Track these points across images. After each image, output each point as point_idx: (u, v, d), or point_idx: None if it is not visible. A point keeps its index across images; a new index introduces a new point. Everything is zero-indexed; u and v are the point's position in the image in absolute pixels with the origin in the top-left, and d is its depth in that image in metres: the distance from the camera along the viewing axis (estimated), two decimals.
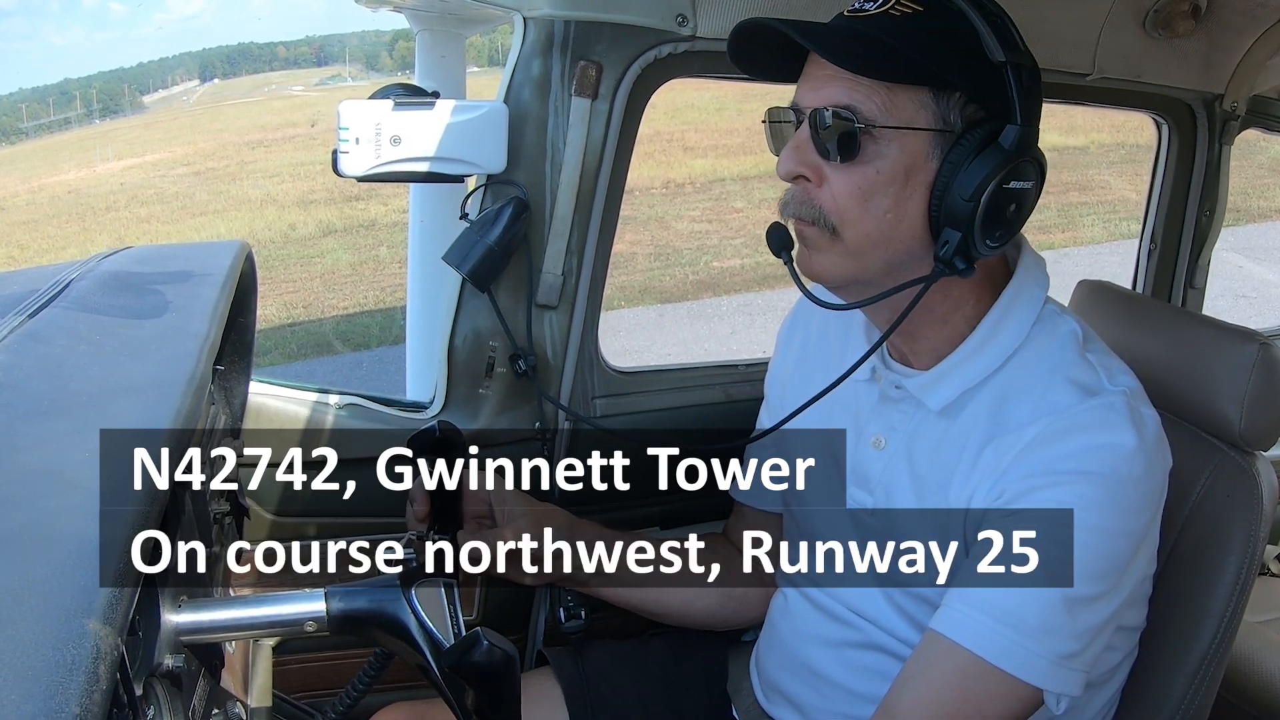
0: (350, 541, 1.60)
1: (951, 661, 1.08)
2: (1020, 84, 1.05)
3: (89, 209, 12.86)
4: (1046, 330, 1.17)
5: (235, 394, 1.38)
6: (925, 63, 1.05)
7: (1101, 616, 1.09)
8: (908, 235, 1.09)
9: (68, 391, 0.83)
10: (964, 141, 1.06)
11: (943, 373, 1.18)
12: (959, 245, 1.07)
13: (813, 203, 1.10)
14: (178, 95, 29.36)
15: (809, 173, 1.09)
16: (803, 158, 1.09)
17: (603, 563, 1.35)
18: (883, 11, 1.06)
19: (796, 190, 1.11)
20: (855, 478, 1.26)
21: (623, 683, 1.48)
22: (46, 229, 12.10)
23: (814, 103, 1.08)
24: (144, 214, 12.05)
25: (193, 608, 0.86)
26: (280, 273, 9.37)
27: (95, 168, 16.02)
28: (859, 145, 1.05)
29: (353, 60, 28.99)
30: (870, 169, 1.06)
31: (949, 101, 1.07)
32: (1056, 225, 9.27)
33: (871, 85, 1.05)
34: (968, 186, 1.05)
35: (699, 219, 9.74)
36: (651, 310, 7.79)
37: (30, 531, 0.61)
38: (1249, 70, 1.90)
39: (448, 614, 1.01)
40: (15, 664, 0.50)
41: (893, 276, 1.12)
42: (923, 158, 1.07)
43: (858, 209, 1.08)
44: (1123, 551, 1.09)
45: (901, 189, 1.07)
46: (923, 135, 1.06)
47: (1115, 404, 1.10)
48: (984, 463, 1.13)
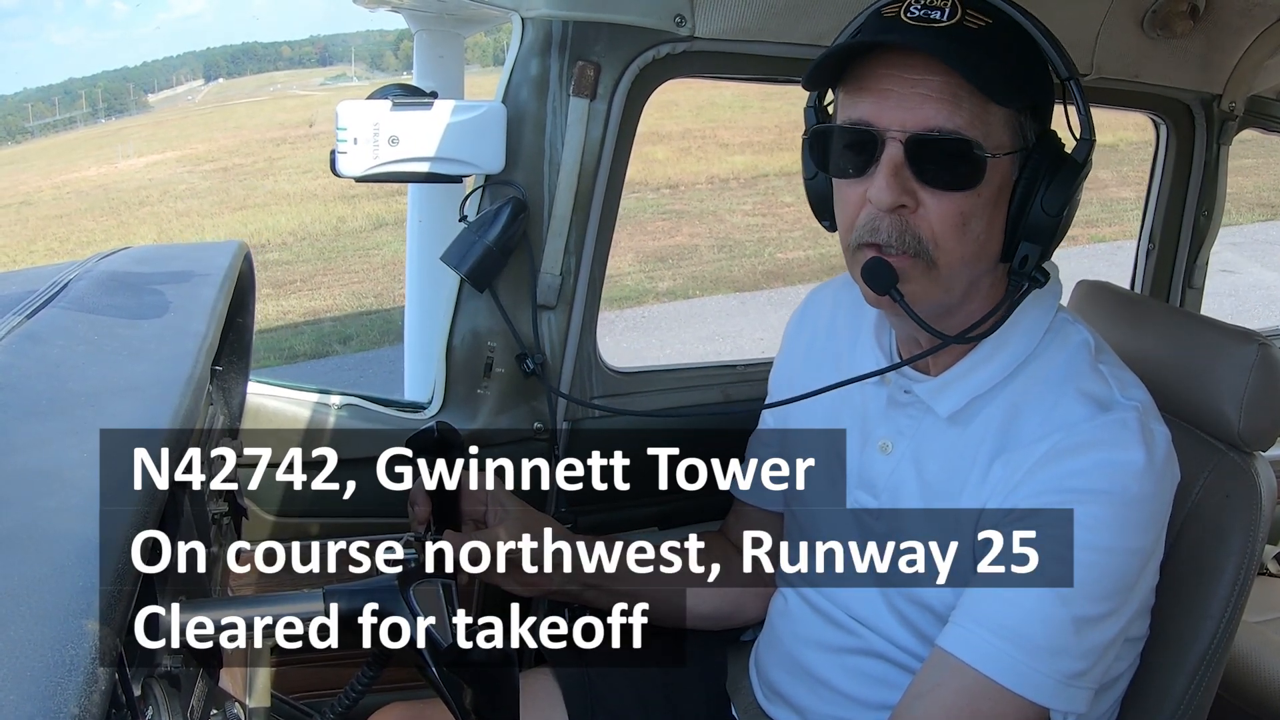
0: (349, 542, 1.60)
1: (959, 681, 1.08)
2: (1084, 98, 1.05)
3: (121, 204, 13.03)
4: (1059, 339, 1.17)
5: (234, 394, 1.38)
6: (1021, 82, 1.04)
7: (1109, 635, 1.09)
8: (990, 254, 1.09)
9: (66, 391, 0.83)
10: (1036, 156, 1.06)
11: (953, 378, 1.17)
12: (1039, 258, 1.07)
13: (914, 233, 1.05)
14: (182, 95, 29.38)
15: (909, 200, 1.04)
16: (903, 185, 1.03)
17: (602, 567, 1.35)
18: (957, 23, 1.02)
19: (892, 219, 1.05)
20: (860, 481, 1.26)
21: (621, 681, 1.48)
22: (81, 223, 12.27)
23: (909, 125, 1.02)
24: (181, 209, 12.25)
25: (191, 608, 0.86)
26: (341, 264, 9.55)
27: (117, 164, 16.18)
28: (980, 174, 1.03)
29: (357, 60, 29.02)
30: (973, 194, 1.04)
31: (1025, 117, 1.06)
32: (1104, 219, 9.47)
33: (971, 106, 1.02)
34: (1055, 203, 1.05)
35: (751, 213, 9.84)
36: (731, 299, 7.92)
37: (29, 531, 0.61)
38: (1247, 70, 1.90)
39: (446, 614, 1.01)
40: (14, 664, 0.50)
41: (970, 294, 1.11)
42: (1010, 177, 1.06)
43: (955, 236, 1.05)
44: (1131, 570, 1.09)
45: (993, 211, 1.06)
46: (1011, 156, 1.06)
47: (1128, 420, 1.09)
48: (994, 476, 1.12)
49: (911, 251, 1.05)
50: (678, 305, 8.00)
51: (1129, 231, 9.19)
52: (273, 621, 0.93)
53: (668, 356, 6.57)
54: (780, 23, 1.50)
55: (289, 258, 10.00)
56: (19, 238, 11.76)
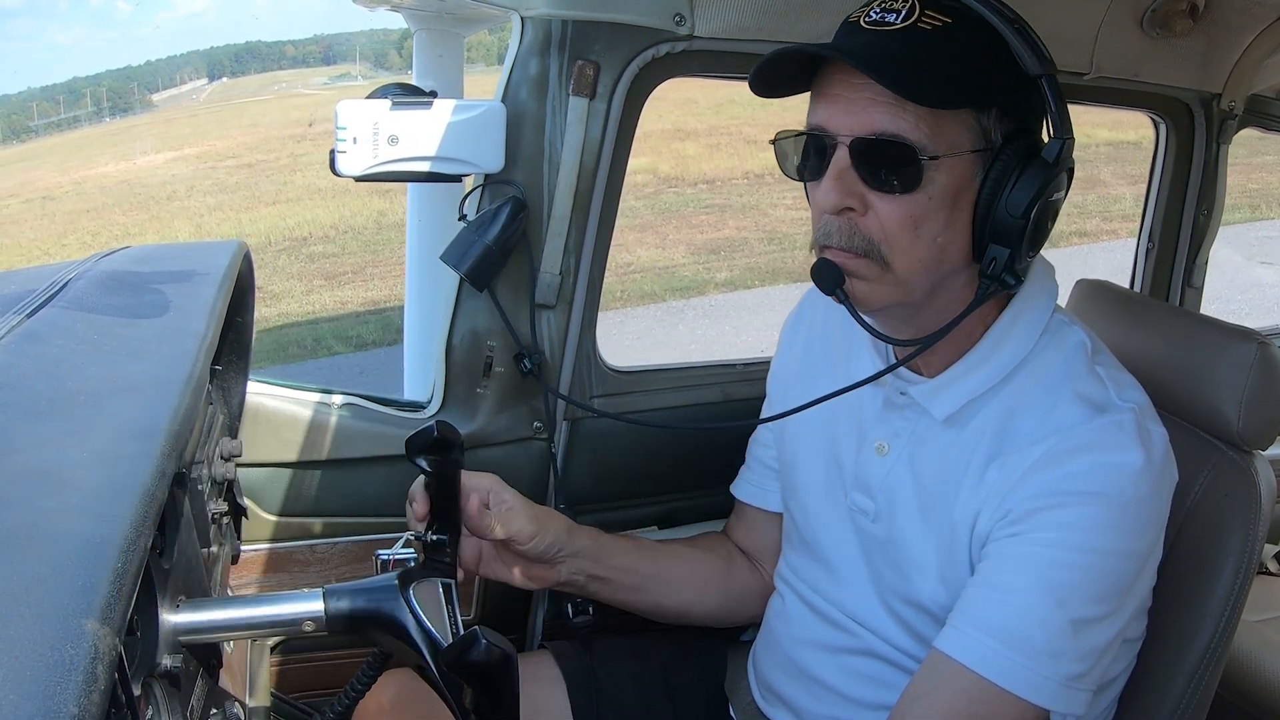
0: (349, 541, 1.60)
1: (958, 683, 1.07)
2: (1057, 95, 1.04)
3: (149, 198, 13.17)
4: (1055, 341, 1.16)
5: (233, 393, 1.38)
6: (971, 83, 1.02)
7: (1107, 636, 1.09)
8: (954, 256, 1.08)
9: (65, 391, 0.83)
10: (1003, 157, 1.05)
11: (948, 380, 1.17)
12: (1007, 261, 1.05)
13: (862, 234, 1.06)
14: (186, 94, 29.39)
15: (855, 203, 1.05)
16: (848, 188, 1.05)
17: (605, 559, 1.35)
18: (910, 25, 1.02)
19: (840, 222, 1.06)
20: (857, 483, 1.26)
21: (623, 675, 1.48)
22: (110, 217, 12.41)
23: (855, 130, 1.03)
24: (212, 203, 12.41)
25: (191, 608, 0.86)
26: (388, 255, 9.68)
27: (135, 160, 16.33)
28: (920, 175, 1.02)
29: (362, 59, 29.04)
30: (922, 196, 1.04)
31: (989, 117, 1.05)
32: (1136, 214, 9.62)
33: (917, 110, 1.01)
34: (1018, 204, 1.04)
35: (793, 206, 9.93)
36: (791, 288, 7.96)
37: (28, 531, 0.61)
38: (1246, 69, 1.90)
39: (446, 613, 1.01)
40: (13, 663, 0.50)
41: (935, 296, 1.11)
42: (969, 178, 1.05)
43: (908, 237, 1.05)
44: (1128, 572, 1.08)
45: (950, 212, 1.05)
46: (969, 157, 1.05)
47: (1124, 422, 1.09)
48: (990, 479, 1.12)
49: (862, 252, 1.06)
50: (740, 295, 8.15)
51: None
52: (272, 621, 0.93)
53: (744, 342, 6.72)
54: (779, 22, 1.50)
55: (335, 250, 10.17)
56: (48, 232, 11.92)
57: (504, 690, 0.91)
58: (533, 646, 1.72)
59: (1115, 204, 9.99)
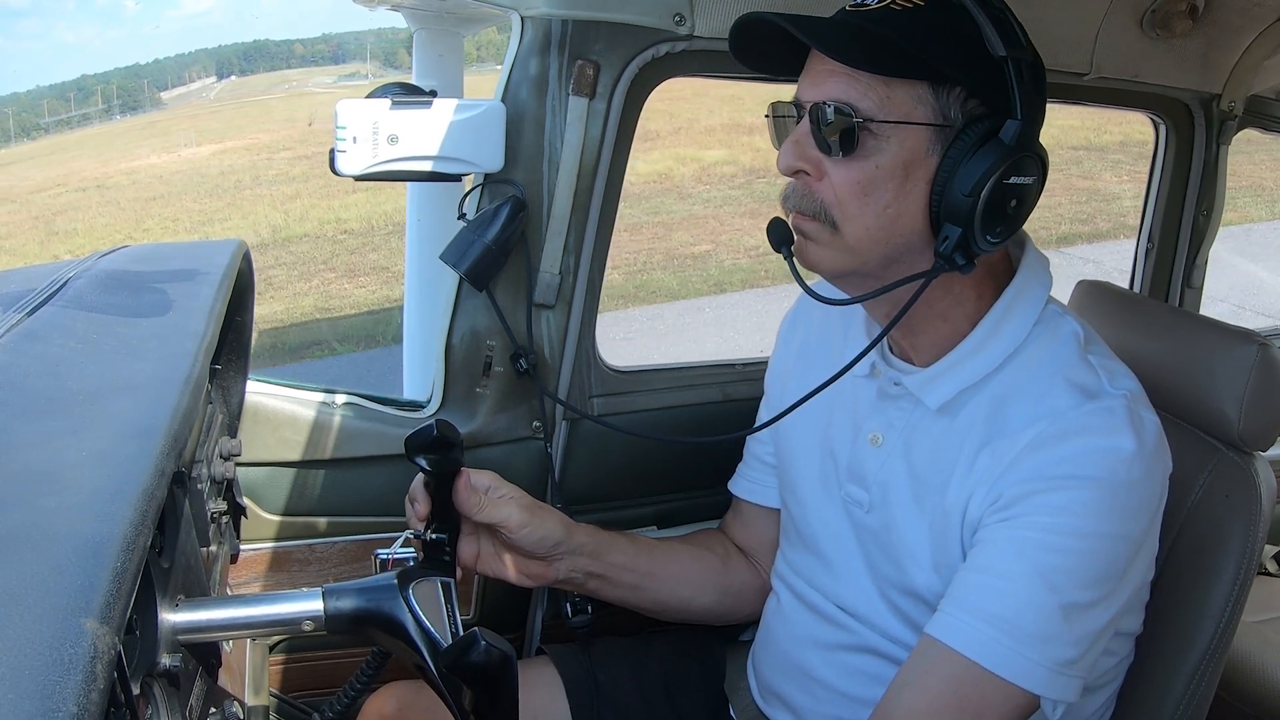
0: (348, 541, 1.60)
1: (948, 668, 1.07)
2: (1021, 79, 1.04)
3: (216, 187, 13.57)
4: (1048, 330, 1.17)
5: (233, 393, 1.38)
6: (921, 56, 1.04)
7: (1099, 623, 1.09)
8: (907, 229, 1.09)
9: (65, 390, 0.83)
10: (964, 137, 1.06)
11: (941, 370, 1.17)
12: (959, 241, 1.06)
13: (813, 196, 1.10)
14: (196, 91, 29.49)
15: (809, 167, 1.09)
16: (802, 152, 1.09)
17: (605, 557, 1.35)
18: (884, 7, 1.06)
19: (797, 184, 1.11)
20: (851, 474, 1.26)
21: (622, 676, 1.48)
22: (182, 203, 12.81)
23: (813, 97, 1.08)
24: (288, 191, 12.71)
25: (190, 607, 0.86)
26: None
27: (179, 152, 16.83)
28: (857, 140, 1.05)
29: (372, 58, 29.08)
30: (869, 163, 1.06)
31: (949, 96, 1.06)
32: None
33: (870, 81, 1.05)
34: (967, 181, 1.05)
35: None
36: None
37: (28, 530, 0.61)
38: (1246, 70, 1.90)
39: (445, 613, 1.01)
40: (12, 663, 0.49)
41: (892, 270, 1.11)
42: (922, 153, 1.06)
43: (857, 203, 1.08)
44: (1120, 557, 1.08)
45: (901, 184, 1.07)
46: (922, 130, 1.06)
47: (1115, 407, 1.09)
48: (981, 465, 1.13)
49: (811, 213, 1.10)
50: None
51: (1228, 220, 9.76)
52: (271, 621, 0.93)
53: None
54: None
55: None
56: (118, 219, 12.22)
57: (503, 691, 0.91)
58: (532, 646, 1.72)
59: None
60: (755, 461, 1.46)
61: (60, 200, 14.12)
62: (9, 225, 12.81)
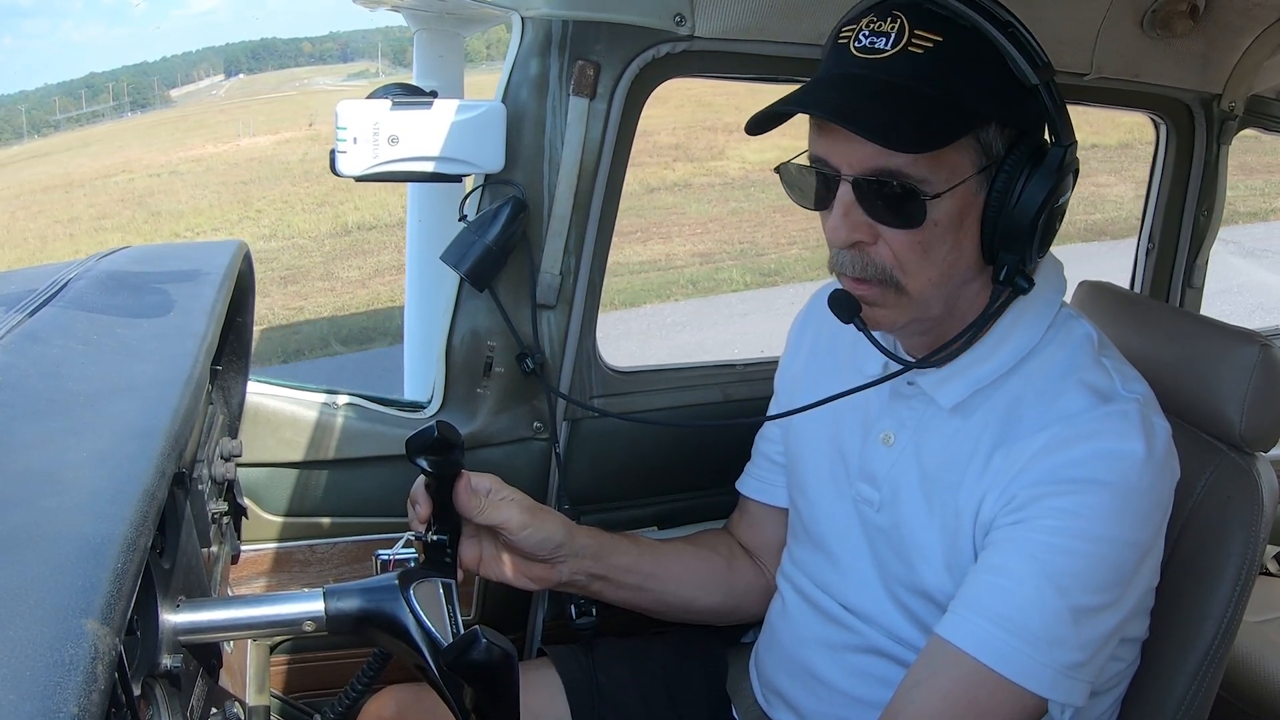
0: (349, 541, 1.60)
1: (957, 669, 1.07)
2: (1054, 101, 1.04)
3: (306, 173, 13.95)
4: (1062, 333, 1.17)
5: (233, 394, 1.38)
6: (966, 109, 1.02)
7: (1107, 627, 1.09)
8: (965, 268, 1.09)
9: (66, 391, 0.83)
10: (1007, 167, 1.05)
11: (956, 370, 1.18)
12: (1017, 266, 1.07)
13: (875, 263, 1.07)
14: (204, 89, 29.51)
15: (864, 235, 1.07)
16: (856, 222, 1.06)
17: (607, 558, 1.35)
18: (900, 50, 1.01)
19: (853, 254, 1.08)
20: (862, 474, 1.26)
21: (624, 677, 1.48)
22: (280, 188, 13.31)
23: (855, 166, 1.04)
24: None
25: (191, 608, 0.86)
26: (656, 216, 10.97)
27: (238, 142, 17.44)
28: (924, 211, 1.03)
29: (382, 56, 29.14)
30: (929, 224, 1.05)
31: (989, 133, 1.05)
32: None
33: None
34: (1026, 214, 1.05)
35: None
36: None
37: (28, 531, 0.61)
38: (1247, 70, 1.90)
39: (446, 614, 1.01)
40: (13, 663, 0.49)
41: (952, 306, 1.12)
42: (972, 196, 1.06)
43: (919, 262, 1.07)
44: (1129, 562, 1.08)
45: (957, 232, 1.07)
46: (974, 179, 1.05)
47: (1128, 412, 1.09)
48: (995, 466, 1.13)
49: (877, 280, 1.08)
50: None
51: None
52: (272, 621, 0.93)
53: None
54: (780, 22, 1.50)
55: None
56: (219, 201, 12.70)
57: (504, 690, 0.91)
58: (533, 647, 1.72)
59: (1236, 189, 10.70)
60: (764, 460, 1.46)
61: (137, 185, 14.52)
62: (96, 207, 13.26)
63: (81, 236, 11.95)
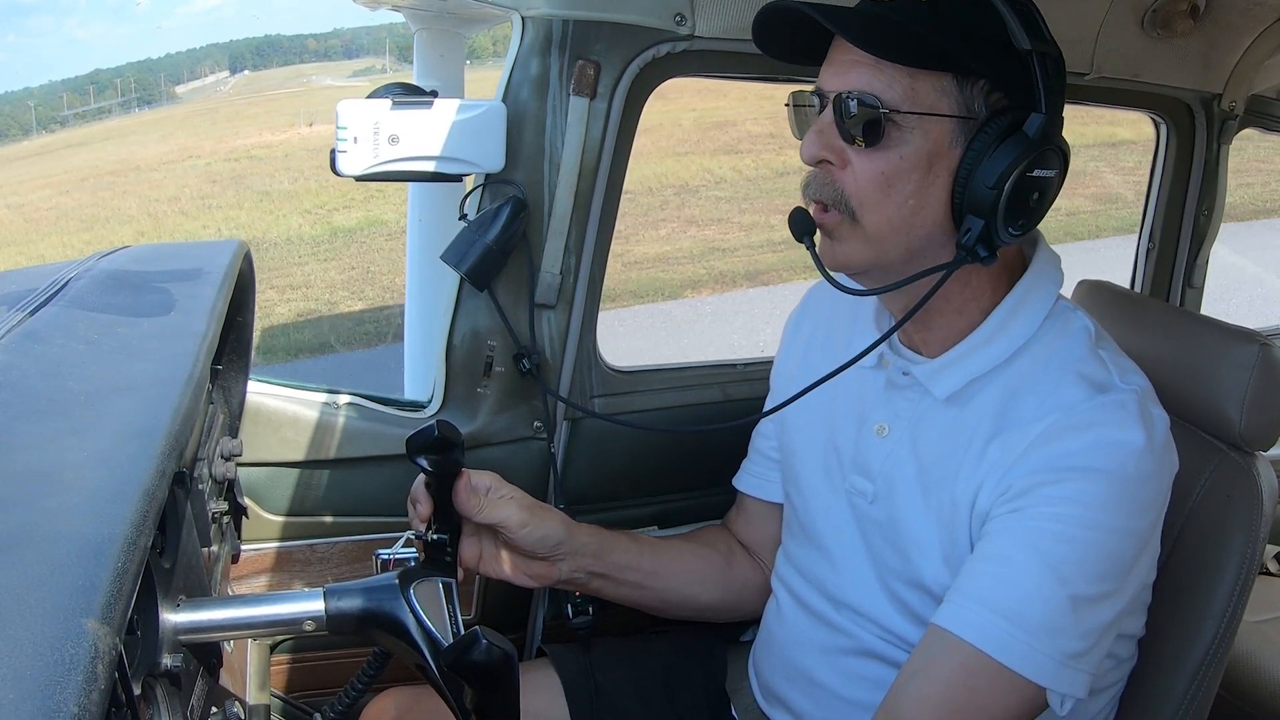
0: (349, 541, 1.61)
1: (956, 657, 1.07)
2: (1045, 72, 1.05)
3: None
4: (1059, 325, 1.17)
5: (234, 393, 1.38)
6: (948, 49, 1.04)
7: (1106, 617, 1.08)
8: (929, 222, 1.09)
9: (66, 391, 0.83)
10: (987, 129, 1.06)
11: (951, 360, 1.17)
12: (981, 233, 1.06)
13: (835, 185, 1.09)
14: (210, 86, 29.54)
15: (832, 156, 1.09)
16: (826, 142, 1.09)
17: (607, 556, 1.35)
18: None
19: (819, 173, 1.11)
20: (855, 466, 1.26)
21: (622, 677, 1.48)
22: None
23: (837, 87, 1.07)
24: None
25: (191, 607, 0.86)
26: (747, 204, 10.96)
27: (298, 129, 18.01)
28: (882, 130, 1.05)
29: (389, 52, 29.19)
30: (894, 154, 1.06)
31: (973, 89, 1.06)
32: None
33: (894, 72, 1.05)
34: (991, 174, 1.05)
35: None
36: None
37: (29, 531, 0.61)
38: (1247, 70, 1.90)
39: (446, 613, 1.01)
40: (13, 663, 0.49)
41: (913, 263, 1.11)
42: (946, 145, 1.07)
43: (879, 194, 1.08)
44: (1127, 551, 1.08)
45: (924, 175, 1.07)
46: (946, 122, 1.06)
47: (1126, 402, 1.10)
48: (991, 456, 1.12)
49: (832, 202, 1.10)
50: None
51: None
52: (272, 621, 0.93)
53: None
54: None
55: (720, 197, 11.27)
56: (323, 183, 12.69)
57: (504, 691, 0.91)
58: (533, 646, 1.72)
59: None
60: (759, 456, 1.46)
61: (216, 169, 14.72)
62: (190, 187, 13.46)
63: (195, 215, 12.06)
